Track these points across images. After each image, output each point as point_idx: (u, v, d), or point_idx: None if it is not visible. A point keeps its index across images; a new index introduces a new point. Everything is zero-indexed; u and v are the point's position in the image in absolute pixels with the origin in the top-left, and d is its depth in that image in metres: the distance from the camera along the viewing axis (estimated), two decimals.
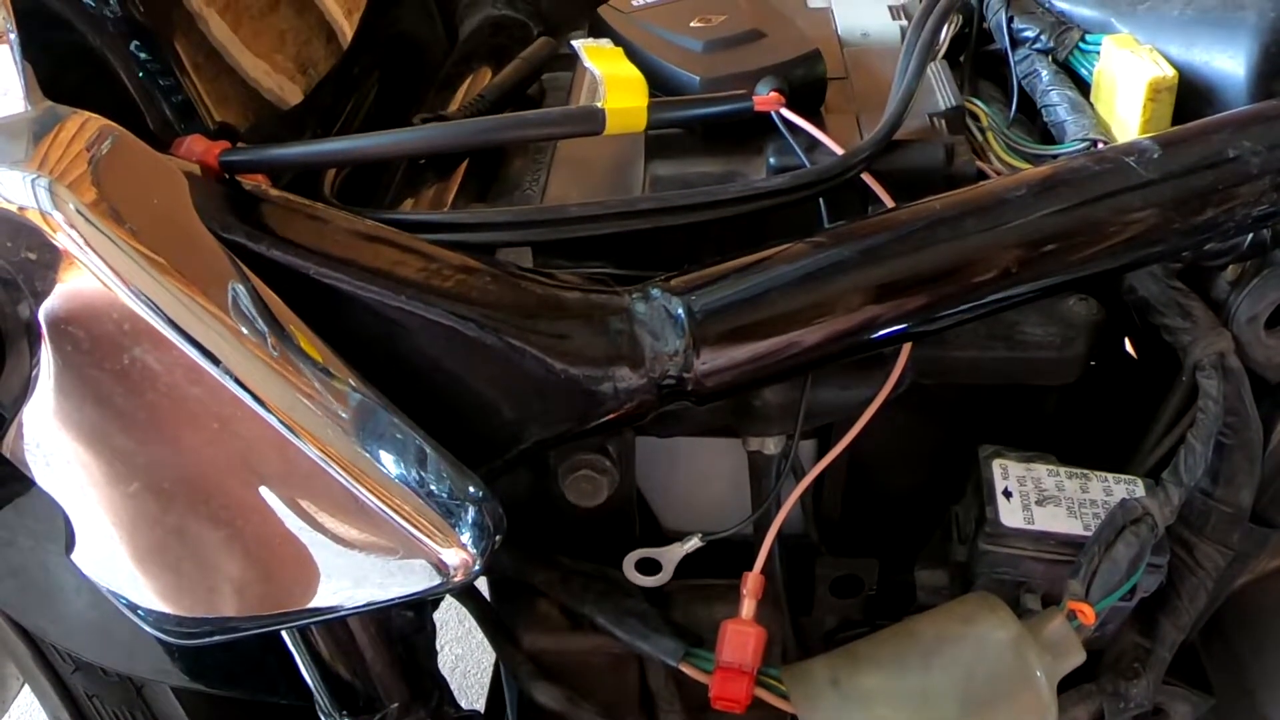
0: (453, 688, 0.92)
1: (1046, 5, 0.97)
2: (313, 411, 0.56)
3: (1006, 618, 0.74)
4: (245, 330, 0.55)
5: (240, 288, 0.56)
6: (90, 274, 0.53)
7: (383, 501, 0.57)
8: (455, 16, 1.12)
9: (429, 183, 0.83)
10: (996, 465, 0.82)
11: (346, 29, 0.92)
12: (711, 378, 0.64)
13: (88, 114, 0.58)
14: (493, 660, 1.72)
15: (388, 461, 0.57)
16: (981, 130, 0.88)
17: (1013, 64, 0.95)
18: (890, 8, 1.01)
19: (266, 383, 0.55)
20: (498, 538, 0.59)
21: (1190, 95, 0.82)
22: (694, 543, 0.82)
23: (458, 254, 0.65)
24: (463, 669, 1.97)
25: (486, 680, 1.88)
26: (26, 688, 1.10)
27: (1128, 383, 0.89)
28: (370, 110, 0.94)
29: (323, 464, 0.56)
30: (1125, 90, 0.84)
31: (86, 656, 0.93)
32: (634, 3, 0.94)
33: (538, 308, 0.64)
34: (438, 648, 0.88)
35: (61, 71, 0.64)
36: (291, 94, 0.82)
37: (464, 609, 0.97)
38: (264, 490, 0.57)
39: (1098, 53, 0.88)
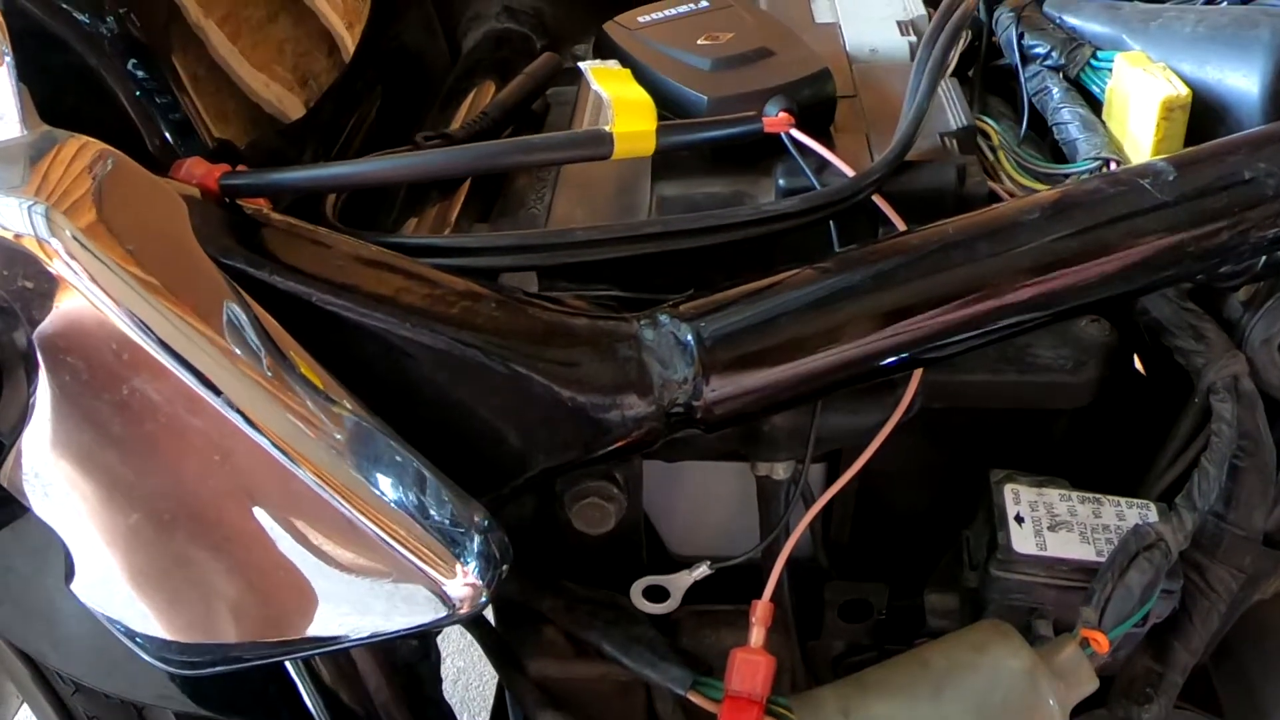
0: (454, 702, 0.92)
1: (1057, 21, 0.96)
2: (310, 437, 0.55)
3: (1019, 645, 0.73)
4: (244, 357, 0.54)
5: (239, 313, 0.55)
6: (88, 302, 0.52)
7: (383, 529, 0.56)
8: (458, 30, 1.11)
9: (432, 202, 0.83)
10: (1008, 490, 0.81)
11: (348, 42, 0.91)
12: (721, 405, 0.64)
13: (85, 138, 0.58)
14: (495, 674, 1.71)
15: (386, 487, 0.56)
16: (992, 149, 0.87)
17: (1023, 81, 0.94)
18: (899, 23, 1.00)
19: (265, 409, 0.55)
20: (504, 567, 0.58)
21: (1203, 113, 0.82)
22: (703, 570, 0.81)
23: (462, 279, 0.64)
24: (464, 682, 1.96)
25: (489, 693, 1.87)
26: (25, 705, 1.10)
27: (1140, 405, 0.88)
28: (372, 125, 0.93)
29: (320, 490, 0.55)
30: (1138, 108, 0.83)
31: (88, 681, 0.93)
32: (640, 19, 0.93)
33: (544, 334, 0.63)
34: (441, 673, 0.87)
35: (58, 93, 0.64)
36: (292, 108, 0.81)
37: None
38: (264, 518, 0.57)
39: (1109, 70, 0.88)
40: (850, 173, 0.74)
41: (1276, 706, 0.97)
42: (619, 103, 0.73)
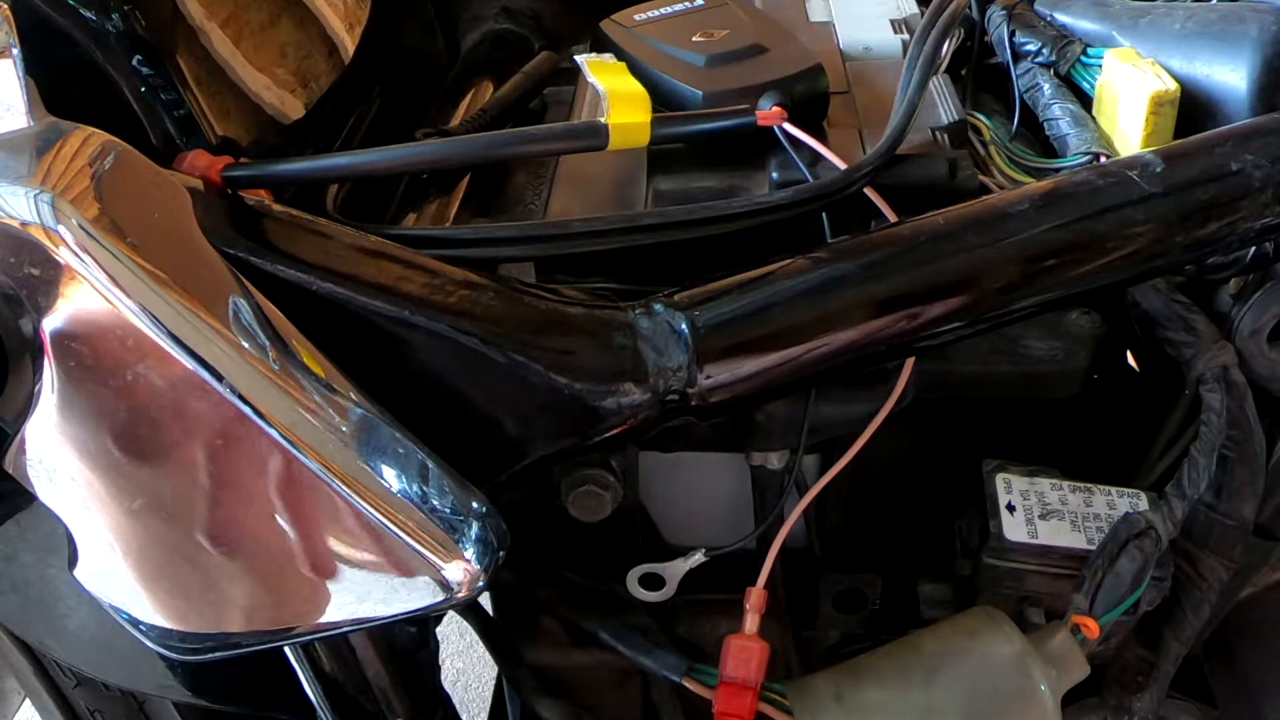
0: (454, 702, 0.92)
1: (1048, 19, 0.97)
2: (314, 425, 0.56)
3: (1010, 632, 0.74)
4: (247, 345, 0.55)
5: (242, 302, 0.56)
6: (93, 289, 0.53)
7: (385, 516, 0.56)
8: (457, 31, 1.12)
9: (431, 198, 0.84)
10: (1000, 479, 0.82)
11: (348, 43, 0.92)
12: (715, 393, 0.64)
13: (90, 129, 0.58)
14: (494, 674, 1.72)
15: (390, 476, 0.57)
16: (984, 144, 0.88)
17: (1015, 77, 0.95)
18: (892, 22, 1.00)
19: (268, 397, 0.55)
20: (501, 553, 0.59)
21: (1192, 108, 0.83)
22: (698, 558, 0.82)
23: (461, 269, 0.65)
24: (464, 683, 1.97)
25: (488, 695, 1.87)
26: (28, 701, 1.10)
27: (1131, 396, 0.89)
28: (372, 124, 0.94)
29: (324, 478, 0.56)
30: (1127, 104, 0.84)
31: (89, 672, 0.93)
32: (636, 17, 0.94)
33: (541, 323, 0.64)
34: (439, 662, 0.88)
35: (64, 87, 0.64)
36: (293, 108, 0.82)
37: (465, 623, 0.97)
38: (268, 506, 0.57)
39: (1099, 66, 0.88)
40: (842, 166, 0.75)
41: (1269, 698, 0.97)
42: (614, 95, 0.74)
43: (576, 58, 0.81)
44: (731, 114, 0.79)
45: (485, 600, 0.99)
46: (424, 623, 0.83)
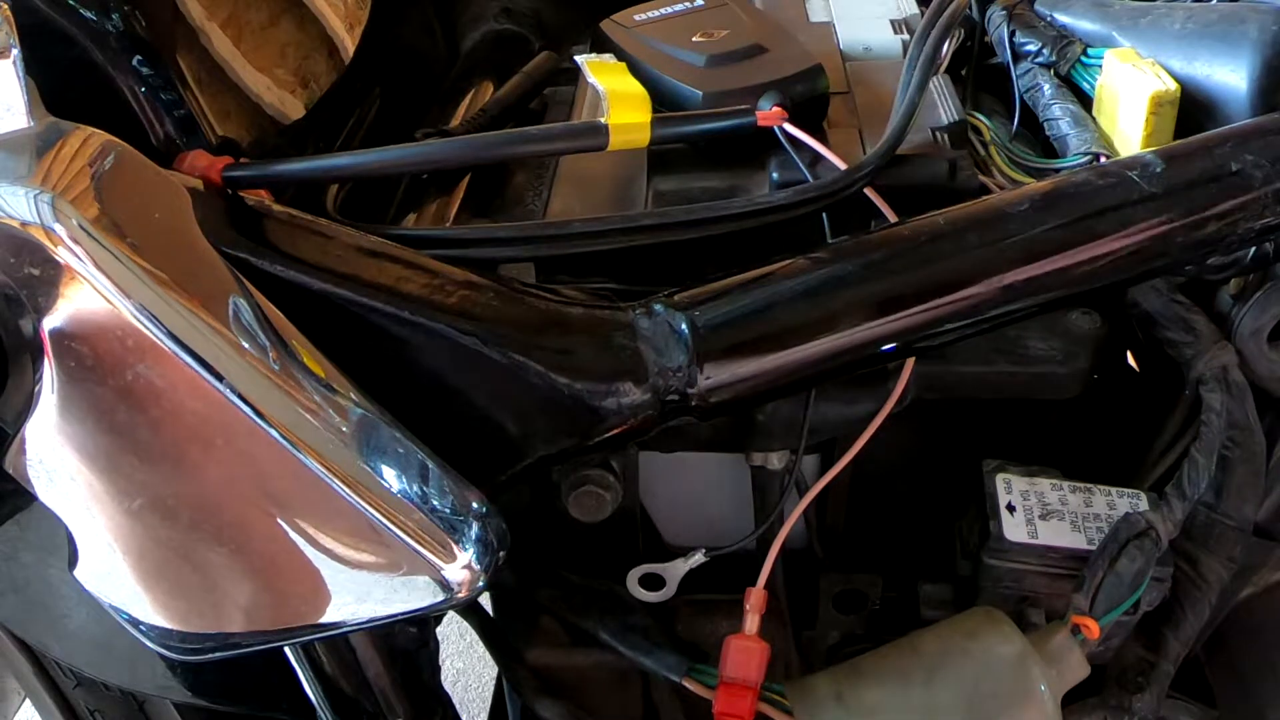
0: (454, 702, 0.92)
1: (1048, 19, 0.97)
2: (314, 426, 0.56)
3: (1010, 632, 0.74)
4: (247, 345, 0.55)
5: (242, 302, 0.56)
6: (93, 289, 0.53)
7: (385, 516, 0.56)
8: (457, 31, 1.12)
9: (431, 198, 0.83)
10: (1000, 480, 0.82)
11: (348, 43, 0.92)
12: (715, 393, 0.64)
13: (90, 129, 0.58)
14: (494, 674, 1.72)
15: (390, 476, 0.57)
16: (984, 144, 0.88)
17: (1015, 78, 0.95)
18: (892, 22, 1.01)
19: (268, 397, 0.55)
20: (501, 553, 0.59)
21: (1192, 109, 0.83)
22: (698, 558, 0.82)
23: (461, 270, 0.65)
24: (464, 683, 1.96)
25: (488, 695, 1.87)
26: (28, 701, 1.10)
27: (1131, 396, 0.89)
28: (373, 125, 0.94)
29: (325, 478, 0.56)
30: (1127, 104, 0.84)
31: (89, 672, 0.93)
32: (636, 17, 0.94)
33: (541, 323, 0.64)
34: (439, 662, 0.88)
35: (64, 87, 0.64)
36: (293, 109, 0.82)
37: (465, 623, 0.97)
38: (266, 505, 0.57)
39: (1100, 66, 0.88)
40: (843, 166, 0.75)
41: (1269, 698, 0.97)
42: (614, 95, 0.74)
43: (576, 58, 0.81)
44: (731, 114, 0.79)
45: (485, 600, 0.99)
46: (424, 623, 0.82)
